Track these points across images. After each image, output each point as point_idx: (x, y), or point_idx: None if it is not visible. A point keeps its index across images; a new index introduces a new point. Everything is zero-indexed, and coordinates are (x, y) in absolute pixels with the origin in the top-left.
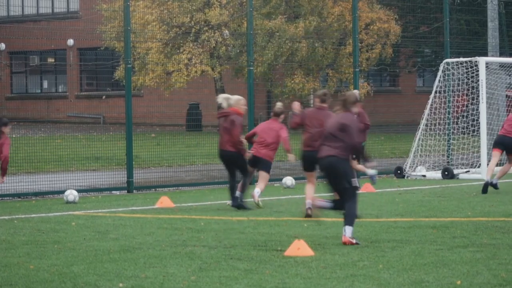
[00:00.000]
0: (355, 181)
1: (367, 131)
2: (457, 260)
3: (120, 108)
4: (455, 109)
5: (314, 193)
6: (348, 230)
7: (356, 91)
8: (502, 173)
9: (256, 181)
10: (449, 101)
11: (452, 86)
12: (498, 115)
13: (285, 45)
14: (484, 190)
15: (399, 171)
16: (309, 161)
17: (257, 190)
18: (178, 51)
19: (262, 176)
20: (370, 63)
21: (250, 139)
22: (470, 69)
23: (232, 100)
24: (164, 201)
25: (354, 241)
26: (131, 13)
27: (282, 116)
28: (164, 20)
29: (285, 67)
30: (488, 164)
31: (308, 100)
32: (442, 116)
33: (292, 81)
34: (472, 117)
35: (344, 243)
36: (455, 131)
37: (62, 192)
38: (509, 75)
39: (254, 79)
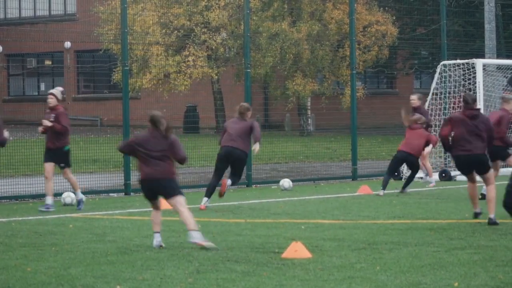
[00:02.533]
0: None
1: None
2: (455, 262)
3: (118, 110)
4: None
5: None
6: None
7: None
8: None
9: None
10: (445, 103)
11: (449, 88)
12: None
13: (290, 49)
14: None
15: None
16: None
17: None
18: (178, 53)
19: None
20: (366, 65)
21: None
22: (467, 71)
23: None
24: (161, 203)
25: None
26: (131, 16)
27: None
28: (164, 23)
29: (287, 70)
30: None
31: (306, 102)
32: (439, 118)
33: (293, 83)
34: None
35: None
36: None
37: (60, 194)
38: (506, 77)
39: (254, 81)
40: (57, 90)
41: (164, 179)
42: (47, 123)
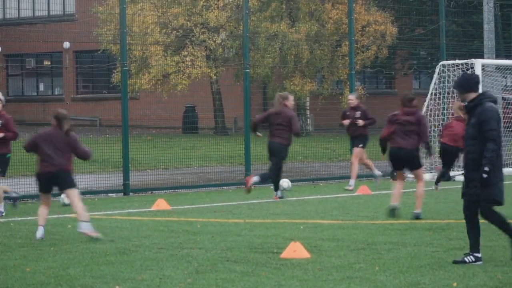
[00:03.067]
0: None
1: None
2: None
3: (117, 111)
4: (452, 111)
5: None
6: None
7: None
8: None
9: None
10: (444, 103)
11: (448, 89)
12: None
13: (290, 50)
14: None
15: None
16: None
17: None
18: (177, 52)
19: None
20: (364, 64)
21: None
22: (466, 72)
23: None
24: (161, 204)
25: None
26: (129, 16)
27: None
28: (163, 23)
29: (286, 70)
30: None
31: (305, 102)
32: (438, 118)
33: (292, 83)
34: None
35: None
36: None
37: (58, 194)
38: (505, 77)
39: (253, 82)
40: (1, 96)
41: (61, 172)
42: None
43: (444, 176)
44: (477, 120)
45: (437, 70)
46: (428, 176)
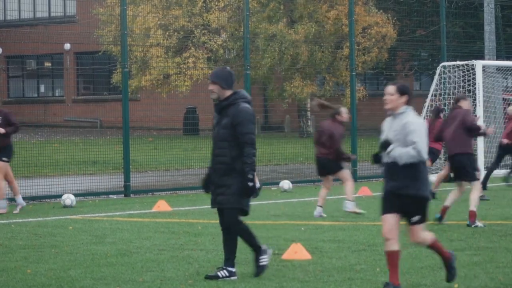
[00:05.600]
0: None
1: None
2: None
3: (117, 112)
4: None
5: None
6: None
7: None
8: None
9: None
10: (445, 105)
11: (449, 90)
12: (495, 119)
13: (288, 51)
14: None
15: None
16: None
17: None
18: (178, 54)
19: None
20: (366, 67)
21: None
22: (467, 73)
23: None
24: (161, 205)
25: None
26: (130, 17)
27: None
28: (163, 24)
29: (285, 71)
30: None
31: (306, 104)
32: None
33: (292, 85)
34: None
35: None
36: None
37: (59, 196)
38: (506, 79)
39: (254, 83)
40: None
41: None
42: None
43: None
44: (231, 121)
45: (438, 71)
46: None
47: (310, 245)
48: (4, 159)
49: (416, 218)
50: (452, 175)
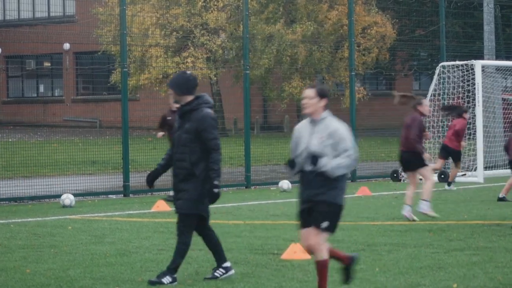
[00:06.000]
0: None
1: None
2: (454, 263)
3: (117, 112)
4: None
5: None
6: None
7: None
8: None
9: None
10: (444, 104)
11: (448, 90)
12: (494, 119)
13: (286, 51)
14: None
15: (395, 175)
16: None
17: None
18: (178, 54)
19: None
20: (366, 67)
21: None
22: (466, 73)
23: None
24: (161, 205)
25: None
26: (129, 17)
27: None
28: (162, 24)
29: (283, 72)
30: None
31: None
32: (438, 119)
33: (290, 85)
34: (468, 120)
35: None
36: None
37: (59, 196)
38: (505, 78)
39: (253, 83)
40: None
41: None
42: None
43: None
44: (196, 127)
45: (437, 71)
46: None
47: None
48: None
49: (325, 224)
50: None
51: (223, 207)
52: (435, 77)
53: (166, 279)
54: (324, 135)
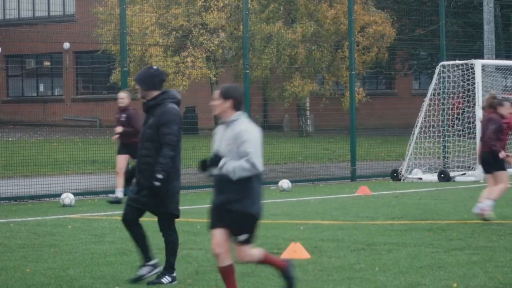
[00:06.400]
0: None
1: None
2: (454, 263)
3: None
4: (451, 111)
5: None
6: None
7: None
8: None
9: None
10: (444, 104)
11: (448, 89)
12: None
13: (285, 51)
14: None
15: (395, 174)
16: None
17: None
18: (177, 54)
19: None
20: (366, 66)
21: None
22: (466, 72)
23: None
24: None
25: None
26: (129, 17)
27: None
28: (162, 24)
29: (284, 71)
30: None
31: (305, 103)
32: (438, 119)
33: (291, 85)
34: (468, 120)
35: None
36: (451, 134)
37: (58, 195)
38: (505, 78)
39: (253, 82)
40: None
41: None
42: None
43: None
44: (157, 121)
45: (437, 70)
46: (433, 177)
47: (309, 245)
48: None
49: (243, 238)
50: None
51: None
52: (435, 76)
53: (166, 279)
54: (231, 137)
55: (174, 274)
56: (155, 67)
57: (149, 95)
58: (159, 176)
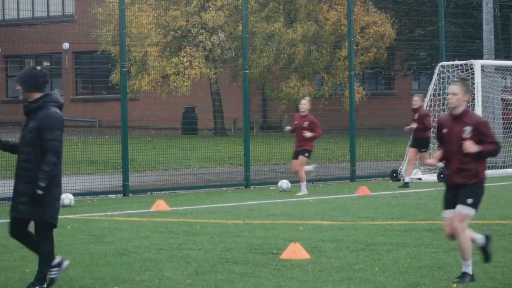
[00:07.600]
0: None
1: None
2: (453, 263)
3: (116, 112)
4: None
5: None
6: None
7: None
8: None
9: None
10: (443, 104)
11: (447, 89)
12: (493, 119)
13: (284, 50)
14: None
15: (394, 174)
16: None
17: None
18: (177, 53)
19: None
20: (363, 66)
21: None
22: (465, 72)
23: None
24: (160, 205)
25: None
26: (128, 17)
27: None
28: (161, 24)
29: (281, 71)
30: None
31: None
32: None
33: (287, 85)
34: None
35: None
36: None
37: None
38: (504, 78)
39: (252, 82)
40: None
41: None
42: None
43: None
44: (38, 125)
45: (436, 71)
46: (432, 177)
47: (309, 245)
48: None
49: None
50: None
51: (222, 206)
52: (435, 76)
53: None
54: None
55: (45, 286)
56: (38, 67)
57: (31, 96)
58: (42, 184)
